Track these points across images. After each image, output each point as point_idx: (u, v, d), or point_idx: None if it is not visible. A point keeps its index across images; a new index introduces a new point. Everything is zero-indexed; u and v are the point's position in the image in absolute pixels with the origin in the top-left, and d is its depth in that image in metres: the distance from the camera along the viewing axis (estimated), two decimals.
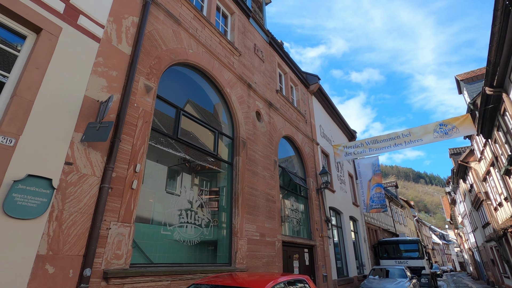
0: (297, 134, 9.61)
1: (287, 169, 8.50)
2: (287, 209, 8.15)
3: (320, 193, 9.92)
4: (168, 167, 4.96)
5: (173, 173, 5.01)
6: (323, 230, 9.41)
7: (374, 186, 14.85)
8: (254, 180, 6.52)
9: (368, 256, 14.18)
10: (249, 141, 6.75)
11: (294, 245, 7.76)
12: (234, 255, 5.34)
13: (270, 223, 6.67)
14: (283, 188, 8.14)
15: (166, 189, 4.76)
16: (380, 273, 10.41)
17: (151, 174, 4.49)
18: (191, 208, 4.88)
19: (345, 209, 12.41)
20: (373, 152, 10.02)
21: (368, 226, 16.10)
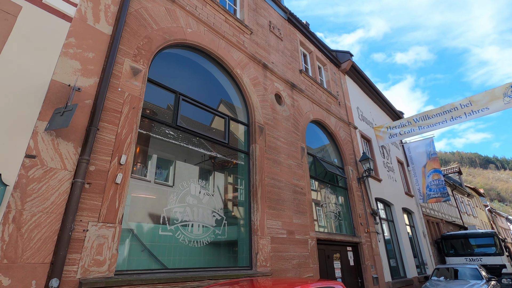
0: (328, 118, 8.50)
1: (319, 157, 7.47)
2: (322, 202, 7.14)
3: (362, 183, 8.65)
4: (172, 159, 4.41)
5: (177, 165, 4.44)
6: (369, 225, 8.15)
7: (430, 172, 12.90)
8: (277, 170, 5.69)
9: (430, 253, 12.27)
10: (268, 127, 5.94)
11: (333, 243, 6.72)
12: (254, 256, 4.58)
13: (300, 218, 5.77)
14: (315, 179, 7.15)
15: (170, 182, 4.20)
16: (447, 273, 8.71)
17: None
18: (197, 204, 4.25)
19: (396, 200, 10.82)
20: (424, 130, 8.44)
21: (428, 218, 14.04)
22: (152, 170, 4.07)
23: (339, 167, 8.35)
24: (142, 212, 3.67)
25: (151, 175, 4.04)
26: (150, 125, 4.12)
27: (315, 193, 7.09)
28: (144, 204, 3.75)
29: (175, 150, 4.44)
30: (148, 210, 3.75)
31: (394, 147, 13.23)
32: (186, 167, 4.51)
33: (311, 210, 6.17)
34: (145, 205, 3.76)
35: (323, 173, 7.88)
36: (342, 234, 7.05)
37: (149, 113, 4.15)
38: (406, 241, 10.36)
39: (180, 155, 4.52)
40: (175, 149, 4.43)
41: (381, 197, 9.78)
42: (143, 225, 3.65)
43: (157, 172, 4.14)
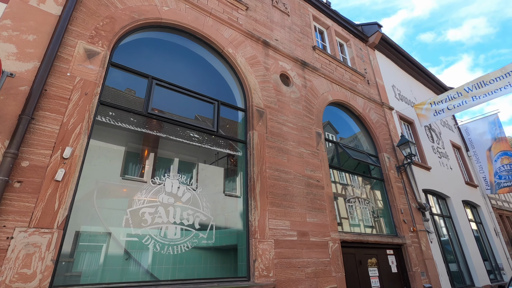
0: (354, 99, 7.27)
1: (342, 144, 6.32)
2: (349, 196, 5.97)
3: (403, 172, 7.20)
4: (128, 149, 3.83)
5: (156, 159, 3.84)
6: (416, 222, 6.68)
7: (498, 156, 10.62)
8: (283, 160, 4.78)
9: (508, 255, 9.94)
10: (270, 111, 5.08)
11: (366, 245, 5.52)
12: (252, 265, 3.75)
13: (316, 216, 4.77)
14: (338, 169, 6.03)
15: (144, 178, 3.62)
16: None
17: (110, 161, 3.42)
18: (174, 203, 3.58)
19: (453, 192, 8.95)
20: (480, 101, 6.73)
21: (500, 213, 11.55)
22: (122, 165, 3.53)
23: (371, 155, 7.04)
24: (100, 214, 3.11)
25: (122, 170, 3.50)
26: (115, 114, 3.58)
27: (339, 186, 5.97)
28: (105, 204, 3.20)
29: (152, 142, 3.86)
30: (109, 211, 3.19)
31: (446, 129, 11.17)
32: (166, 161, 3.89)
33: (332, 206, 5.10)
34: (106, 205, 3.20)
35: (353, 163, 6.69)
36: (378, 235, 5.79)
37: (112, 101, 3.62)
38: (471, 241, 8.44)
39: (164, 147, 3.92)
40: (151, 140, 3.85)
41: (432, 188, 8.10)
42: (98, 229, 3.09)
43: (129, 167, 3.59)
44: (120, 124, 3.56)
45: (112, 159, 3.46)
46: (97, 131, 3.37)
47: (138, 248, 3.17)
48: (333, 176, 5.94)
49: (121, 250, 3.11)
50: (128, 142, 3.70)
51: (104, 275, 2.92)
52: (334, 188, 5.82)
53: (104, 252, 3.00)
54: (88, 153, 3.17)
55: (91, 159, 3.21)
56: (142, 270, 3.15)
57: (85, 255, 2.90)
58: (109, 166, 3.40)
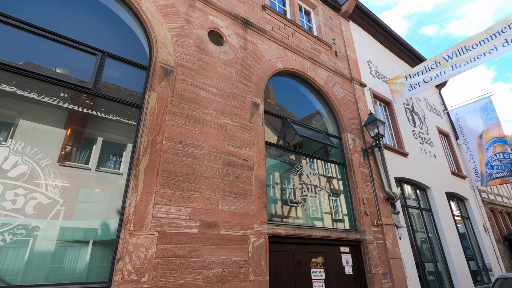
0: (314, 70, 6.18)
1: (290, 120, 5.25)
2: (295, 181, 4.91)
3: (369, 156, 6.12)
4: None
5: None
6: (382, 215, 5.62)
7: (490, 143, 9.54)
8: (193, 131, 3.73)
9: (497, 255, 8.86)
10: (184, 70, 4.01)
11: (310, 241, 4.47)
12: (115, 266, 2.71)
13: (236, 203, 3.72)
14: (281, 148, 4.97)
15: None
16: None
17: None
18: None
19: (435, 182, 7.86)
20: (461, 70, 5.62)
21: (492, 207, 10.45)
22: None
23: (330, 135, 5.97)
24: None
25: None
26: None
27: (282, 168, 4.91)
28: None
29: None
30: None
31: (433, 114, 10.04)
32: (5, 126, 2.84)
33: (263, 192, 4.05)
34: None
35: (315, 145, 5.64)
36: (328, 229, 4.73)
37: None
38: (454, 237, 7.37)
39: None
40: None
41: (408, 177, 7.03)
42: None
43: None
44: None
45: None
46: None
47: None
48: (275, 156, 4.87)
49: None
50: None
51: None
52: (274, 170, 4.77)
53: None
54: None
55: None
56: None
57: None
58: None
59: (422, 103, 9.68)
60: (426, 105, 9.91)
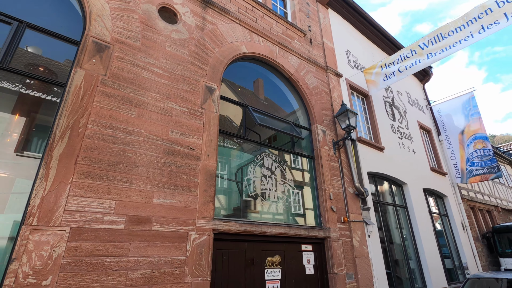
0: (284, 56, 5.79)
1: (251, 107, 4.86)
2: (254, 174, 4.54)
3: (340, 149, 5.80)
4: None
5: None
6: (350, 211, 5.31)
7: (471, 139, 9.34)
8: (128, 115, 3.32)
9: (474, 253, 8.70)
10: (124, 48, 3.58)
11: (265, 238, 4.12)
12: (8, 268, 2.31)
13: (176, 196, 3.34)
14: (239, 138, 4.59)
15: None
16: (489, 286, 5.44)
17: None
18: None
19: (412, 178, 7.60)
20: (436, 58, 5.31)
21: (472, 205, 10.30)
22: None
23: (298, 125, 5.62)
24: None
25: None
26: None
27: (243, 159, 4.54)
28: None
29: None
30: None
31: (415, 109, 9.78)
32: None
33: (211, 184, 3.67)
34: None
35: (285, 137, 5.28)
36: (287, 225, 4.39)
37: None
38: (429, 235, 7.14)
39: None
40: None
41: (383, 172, 6.74)
42: None
43: None
44: None
45: None
46: None
47: None
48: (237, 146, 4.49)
49: None
50: None
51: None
52: (232, 161, 4.40)
53: None
54: None
55: None
56: None
57: None
58: None
59: (404, 97, 9.40)
60: (408, 99, 9.64)
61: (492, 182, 12.45)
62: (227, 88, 5.26)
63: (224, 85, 5.22)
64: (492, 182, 12.51)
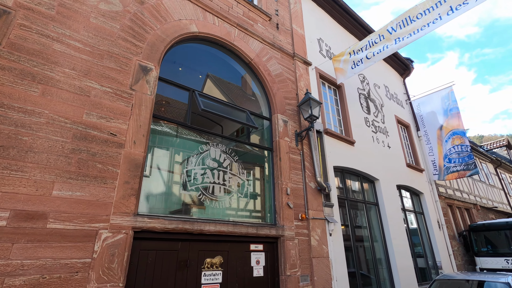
0: (243, 40, 5.33)
1: (198, 91, 4.38)
2: (196, 167, 4.07)
3: (303, 141, 5.38)
4: None
5: None
6: (310, 208, 4.90)
7: (449, 135, 9.07)
8: (28, 93, 2.81)
9: (450, 252, 8.44)
10: (31, 15, 3.06)
11: (207, 238, 3.67)
12: None
13: (86, 188, 2.86)
14: (179, 124, 4.11)
15: None
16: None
17: None
18: None
19: (385, 174, 7.26)
20: (403, 43, 4.94)
21: (450, 202, 10.06)
22: None
23: (255, 114, 5.18)
24: None
25: None
26: None
27: (181, 148, 4.06)
28: None
29: None
30: None
31: (393, 103, 9.45)
32: None
33: (134, 176, 3.20)
34: None
35: (247, 128, 4.83)
36: (231, 223, 3.94)
37: None
38: (400, 234, 6.81)
39: None
40: None
41: (353, 167, 6.36)
42: None
43: None
44: None
45: None
46: None
47: None
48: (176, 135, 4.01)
49: None
50: None
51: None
52: (172, 151, 3.93)
53: None
54: None
55: None
56: None
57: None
58: None
59: (382, 91, 9.05)
60: (386, 93, 9.30)
61: (472, 180, 12.27)
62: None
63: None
64: (472, 180, 12.33)
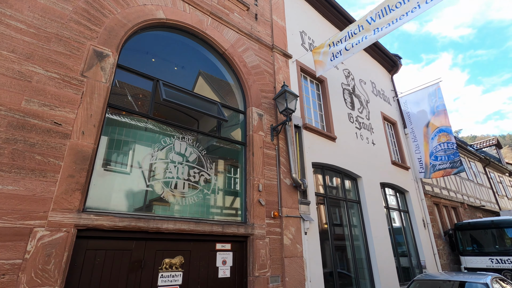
0: (217, 29, 5.08)
1: (163, 81, 4.12)
2: (157, 160, 3.82)
3: (279, 135, 5.15)
4: None
5: None
6: (284, 205, 4.68)
7: (435, 132, 8.93)
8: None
9: (434, 251, 8.31)
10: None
11: (166, 237, 3.42)
12: None
13: (20, 182, 2.59)
14: (138, 115, 3.84)
15: None
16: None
17: None
18: None
19: (368, 171, 7.07)
20: (382, 33, 4.75)
21: (436, 201, 9.94)
22: None
23: (231, 108, 4.94)
24: None
25: None
26: None
27: (141, 141, 3.80)
28: None
29: None
30: None
31: (380, 99, 9.28)
32: None
33: (80, 169, 2.93)
34: None
35: (229, 123, 4.58)
36: (193, 220, 3.70)
37: None
38: (382, 232, 6.63)
39: None
40: None
41: (334, 163, 6.16)
42: None
43: None
44: None
45: None
46: None
47: None
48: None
49: None
50: None
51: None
52: (130, 143, 3.66)
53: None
54: None
55: None
56: None
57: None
58: None
59: (368, 87, 8.87)
60: (373, 89, 9.12)
61: (460, 178, 12.19)
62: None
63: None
64: (460, 179, 12.25)
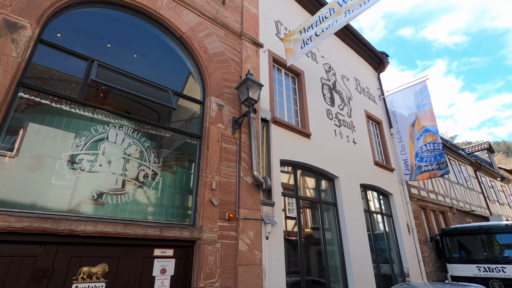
0: (173, 10, 4.59)
1: (101, 62, 3.60)
2: (85, 151, 3.29)
3: (242, 129, 4.65)
4: None
5: None
6: (242, 206, 4.16)
7: (421, 132, 8.51)
8: None
9: (419, 258, 7.81)
10: None
11: (84, 240, 2.88)
12: None
13: None
14: (71, 100, 3.31)
15: None
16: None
17: None
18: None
19: (347, 172, 6.58)
20: (353, 15, 4.31)
21: (423, 205, 9.47)
22: None
23: (186, 97, 4.43)
24: None
25: None
26: None
27: (68, 129, 3.27)
28: None
29: None
30: None
31: (365, 97, 8.84)
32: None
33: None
34: None
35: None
36: (121, 222, 3.16)
37: None
38: (360, 238, 6.12)
39: None
40: None
41: (307, 162, 5.66)
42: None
43: None
44: None
45: None
46: None
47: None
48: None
49: None
50: None
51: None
52: (65, 135, 3.13)
53: None
54: None
55: None
56: None
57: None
58: None
59: (351, 83, 8.42)
60: (357, 86, 8.68)
61: (449, 182, 11.75)
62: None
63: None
64: (449, 182, 11.81)
